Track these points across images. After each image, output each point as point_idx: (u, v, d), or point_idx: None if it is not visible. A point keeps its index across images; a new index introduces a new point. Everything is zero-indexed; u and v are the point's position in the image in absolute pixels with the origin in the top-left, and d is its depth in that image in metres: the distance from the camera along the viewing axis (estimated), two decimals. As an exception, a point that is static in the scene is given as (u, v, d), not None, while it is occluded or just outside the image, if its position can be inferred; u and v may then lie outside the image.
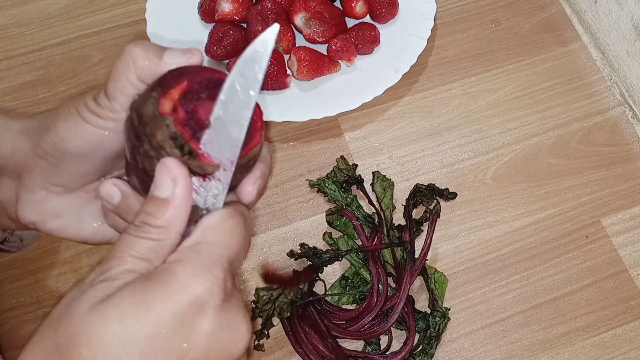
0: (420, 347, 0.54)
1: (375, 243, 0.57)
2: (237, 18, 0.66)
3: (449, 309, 0.56)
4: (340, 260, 0.57)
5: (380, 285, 0.55)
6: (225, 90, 0.29)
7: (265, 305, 0.52)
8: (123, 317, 0.26)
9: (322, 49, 0.66)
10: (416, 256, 0.56)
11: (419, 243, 0.57)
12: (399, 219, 0.60)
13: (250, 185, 0.33)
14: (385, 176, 0.60)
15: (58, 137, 0.32)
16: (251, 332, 0.30)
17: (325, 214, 0.59)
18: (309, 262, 0.56)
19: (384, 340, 0.55)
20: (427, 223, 0.58)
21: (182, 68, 0.30)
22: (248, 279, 0.58)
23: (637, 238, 0.60)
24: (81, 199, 0.36)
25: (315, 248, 0.56)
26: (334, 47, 0.64)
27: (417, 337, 0.55)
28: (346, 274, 0.57)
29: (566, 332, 0.56)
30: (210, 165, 0.29)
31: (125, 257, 0.28)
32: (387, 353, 0.54)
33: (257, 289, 0.52)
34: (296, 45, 0.66)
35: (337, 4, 0.68)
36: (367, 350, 0.55)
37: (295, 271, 0.54)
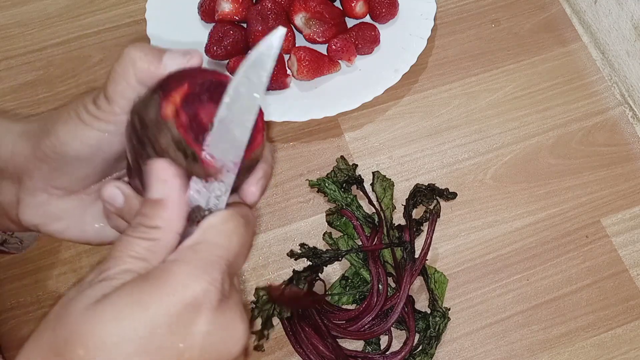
0: (420, 347, 0.54)
1: (375, 243, 0.57)
2: (237, 18, 0.66)
3: (449, 309, 0.56)
4: (341, 260, 0.57)
5: (380, 285, 0.55)
6: (229, 92, 0.29)
7: (265, 305, 0.52)
8: (119, 317, 0.26)
9: (322, 49, 0.66)
10: (416, 256, 0.56)
11: (419, 243, 0.57)
12: (399, 219, 0.60)
13: (253, 185, 0.33)
14: (385, 176, 0.60)
15: (58, 141, 0.32)
16: (249, 333, 0.30)
17: (325, 214, 0.59)
18: (309, 263, 0.56)
19: (384, 340, 0.55)
20: (427, 223, 0.58)
21: (182, 70, 0.30)
22: (248, 279, 0.58)
23: (637, 238, 0.60)
24: (83, 201, 0.36)
25: (315, 248, 0.56)
26: (334, 47, 0.64)
27: (417, 337, 0.55)
28: (346, 274, 0.57)
29: (566, 332, 0.56)
30: (213, 169, 0.29)
31: (123, 257, 0.28)
32: (387, 353, 0.54)
33: (257, 288, 0.52)
34: (296, 45, 0.66)
35: (337, 4, 0.68)
36: (367, 350, 0.55)
37: (306, 292, 0.53)
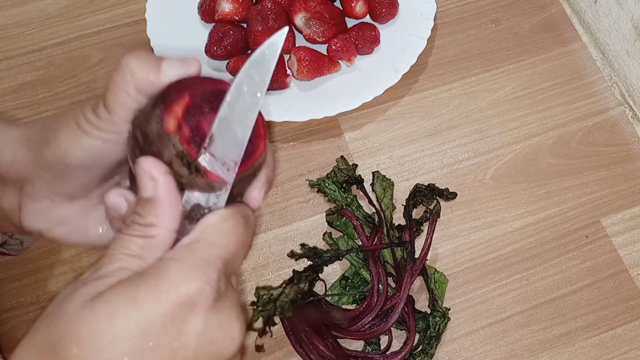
0: (420, 347, 0.54)
1: (375, 243, 0.57)
2: (237, 18, 0.66)
3: (449, 309, 0.56)
4: (341, 260, 0.57)
5: (380, 285, 0.55)
6: (231, 90, 0.29)
7: (266, 305, 0.51)
8: (114, 315, 0.26)
9: (322, 49, 0.66)
10: (416, 256, 0.56)
11: (419, 243, 0.57)
12: (399, 219, 0.60)
13: (257, 191, 0.32)
14: (385, 176, 0.60)
15: (60, 151, 0.32)
16: (244, 333, 0.30)
17: (325, 214, 0.59)
18: (310, 263, 0.56)
19: (384, 340, 0.55)
20: (427, 223, 0.58)
21: (182, 80, 0.30)
22: (248, 279, 0.58)
23: (637, 238, 0.60)
24: (85, 206, 0.36)
25: (315, 248, 0.56)
26: (334, 47, 0.64)
27: (417, 337, 0.54)
28: (346, 274, 0.57)
29: (566, 332, 0.56)
30: (217, 182, 0.29)
31: (118, 255, 0.28)
32: (387, 353, 0.54)
33: (258, 288, 0.52)
34: (296, 45, 0.66)
35: (337, 4, 0.68)
36: (367, 350, 0.55)
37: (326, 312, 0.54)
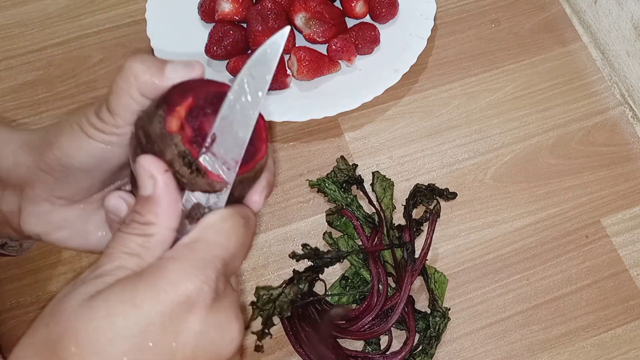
0: (420, 347, 0.54)
1: (375, 243, 0.57)
2: (237, 18, 0.66)
3: (449, 309, 0.56)
4: (342, 261, 0.57)
5: (380, 286, 0.55)
6: (233, 89, 0.29)
7: (266, 304, 0.51)
8: (112, 314, 0.26)
9: (322, 49, 0.66)
10: (416, 256, 0.56)
11: (419, 243, 0.57)
12: (399, 219, 0.60)
13: (258, 194, 0.33)
14: (385, 176, 0.60)
15: (62, 153, 0.32)
16: (243, 333, 0.30)
17: (325, 214, 0.59)
18: (311, 263, 0.56)
19: (384, 340, 0.55)
20: (427, 223, 0.58)
21: (185, 83, 0.30)
22: (248, 279, 0.58)
23: (637, 238, 0.60)
24: (85, 210, 0.36)
25: (317, 249, 0.56)
26: (334, 47, 0.64)
27: (417, 337, 0.54)
28: (346, 274, 0.57)
29: (566, 332, 0.56)
30: (217, 182, 0.29)
31: (117, 253, 0.28)
32: (387, 353, 0.54)
33: (257, 288, 0.52)
34: (296, 45, 0.66)
35: (337, 4, 0.68)
36: (367, 350, 0.54)
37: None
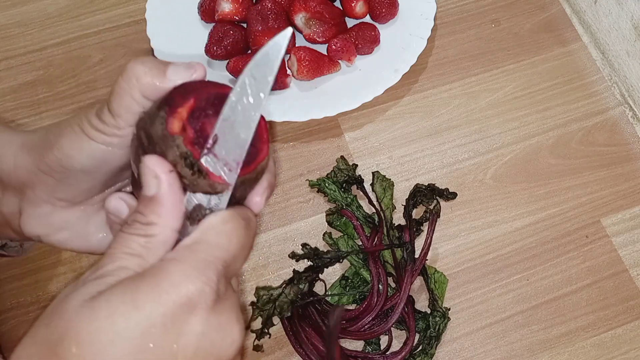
0: (420, 347, 0.54)
1: (375, 243, 0.57)
2: (237, 18, 0.66)
3: (449, 309, 0.56)
4: (342, 262, 0.57)
5: (380, 286, 0.55)
6: (235, 90, 0.29)
7: (266, 304, 0.51)
8: (114, 315, 0.26)
9: (322, 49, 0.66)
10: (416, 256, 0.56)
11: (419, 243, 0.57)
12: (399, 219, 0.60)
13: (259, 196, 0.33)
14: (385, 176, 0.60)
15: (63, 155, 0.32)
16: (244, 335, 0.30)
17: (325, 214, 0.59)
18: (311, 263, 0.56)
19: (384, 340, 0.55)
20: (427, 223, 0.58)
21: (187, 84, 0.30)
22: (248, 279, 0.58)
23: (637, 238, 0.60)
24: (86, 211, 0.36)
25: (317, 249, 0.56)
26: (334, 47, 0.64)
27: (417, 337, 0.54)
28: (346, 274, 0.57)
29: (566, 332, 0.56)
30: (219, 183, 0.29)
31: (118, 254, 0.28)
32: (387, 353, 0.54)
33: (258, 288, 0.52)
34: (296, 45, 0.66)
35: (337, 4, 0.68)
36: (367, 350, 0.54)
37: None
